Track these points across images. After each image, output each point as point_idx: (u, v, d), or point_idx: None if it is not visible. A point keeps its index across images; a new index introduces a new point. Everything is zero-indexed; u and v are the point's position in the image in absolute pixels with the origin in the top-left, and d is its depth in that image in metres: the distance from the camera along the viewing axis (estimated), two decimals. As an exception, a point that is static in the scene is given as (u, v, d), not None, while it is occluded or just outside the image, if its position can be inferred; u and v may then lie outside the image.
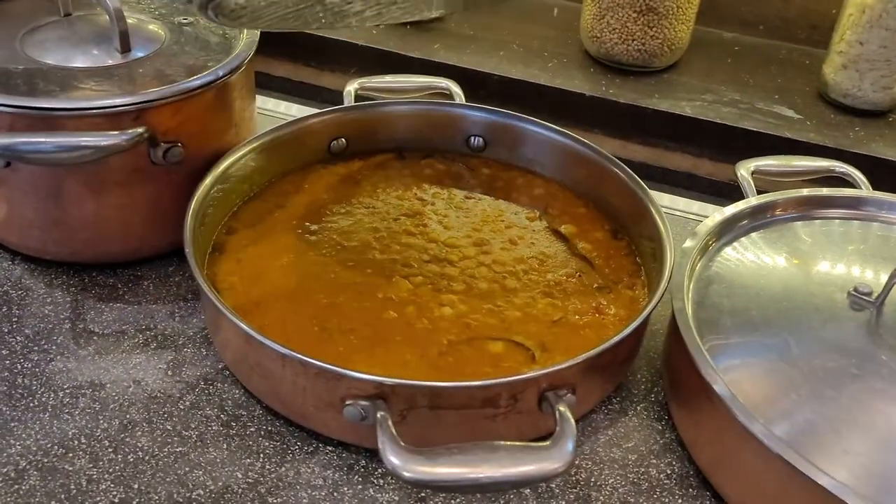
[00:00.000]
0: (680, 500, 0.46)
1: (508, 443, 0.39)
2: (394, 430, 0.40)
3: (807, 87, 0.78)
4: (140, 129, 0.52)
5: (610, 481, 0.47)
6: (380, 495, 0.45)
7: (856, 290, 0.50)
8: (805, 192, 0.58)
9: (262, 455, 0.47)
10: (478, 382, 0.43)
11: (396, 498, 0.45)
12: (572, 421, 0.41)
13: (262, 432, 0.48)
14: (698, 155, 0.73)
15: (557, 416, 0.42)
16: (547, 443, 0.40)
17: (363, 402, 0.43)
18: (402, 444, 0.39)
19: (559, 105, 0.75)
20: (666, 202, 0.70)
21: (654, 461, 0.48)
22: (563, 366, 0.44)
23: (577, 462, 0.48)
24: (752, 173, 0.60)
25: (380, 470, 0.47)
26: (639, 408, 0.52)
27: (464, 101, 0.66)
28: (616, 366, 0.49)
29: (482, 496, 0.45)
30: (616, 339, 0.46)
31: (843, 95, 0.74)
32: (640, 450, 0.49)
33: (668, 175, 0.75)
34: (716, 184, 0.74)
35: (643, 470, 0.48)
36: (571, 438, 0.40)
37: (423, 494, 0.45)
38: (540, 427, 0.46)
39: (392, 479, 0.46)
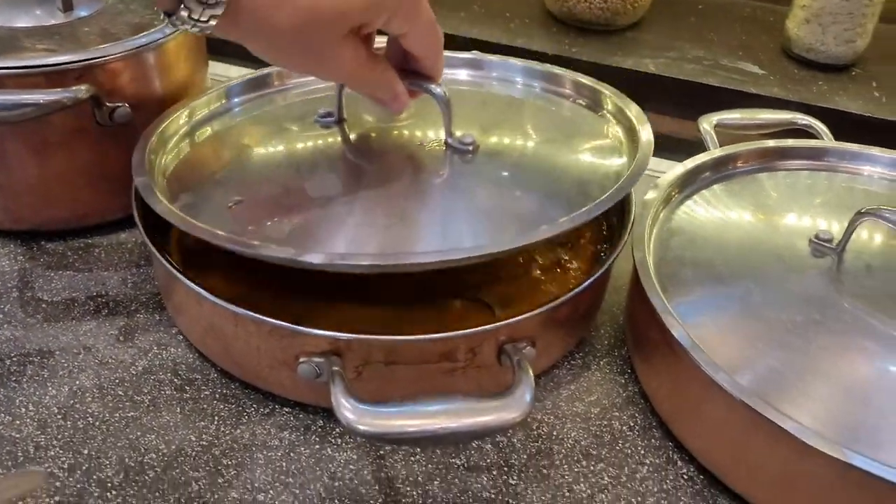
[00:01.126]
0: (642, 451, 0.46)
1: (466, 394, 0.38)
2: (347, 385, 0.39)
3: (771, 43, 0.78)
4: (83, 87, 0.50)
5: (572, 434, 0.46)
6: (337, 454, 0.44)
7: (817, 237, 0.50)
8: (769, 143, 0.58)
9: (216, 418, 0.46)
10: (434, 336, 0.42)
11: (354, 457, 0.44)
12: (530, 371, 0.40)
13: (217, 395, 0.47)
14: (662, 112, 0.72)
15: (515, 366, 0.41)
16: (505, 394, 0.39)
17: (317, 359, 0.42)
18: (356, 397, 0.38)
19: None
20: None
21: (617, 414, 0.48)
22: (522, 318, 0.43)
23: (538, 417, 0.47)
24: (715, 126, 0.60)
25: (337, 430, 0.46)
26: (602, 363, 0.51)
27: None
28: (577, 320, 0.48)
29: (441, 452, 0.45)
30: (574, 291, 0.45)
31: (806, 50, 0.74)
32: (602, 403, 0.48)
33: (632, 134, 0.74)
34: (681, 141, 0.73)
35: (605, 423, 0.47)
36: (529, 388, 0.39)
37: (381, 453, 0.45)
38: (500, 381, 0.45)
39: (350, 437, 0.45)
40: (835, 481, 0.38)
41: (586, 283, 0.45)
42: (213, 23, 0.38)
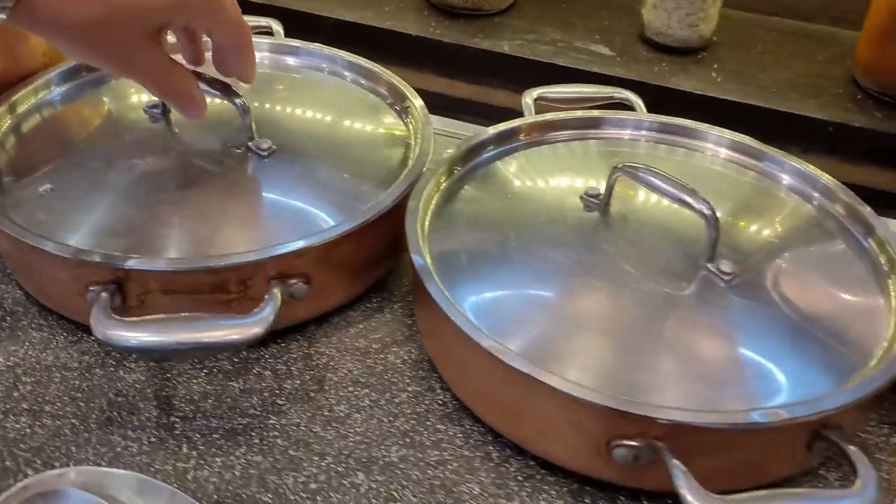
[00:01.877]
0: (408, 380, 0.50)
1: (212, 314, 0.44)
2: (108, 306, 0.44)
3: (630, 28, 0.82)
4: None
5: (348, 366, 0.51)
6: (128, 375, 0.49)
7: (586, 194, 0.54)
8: (548, 116, 0.61)
9: (27, 343, 0.51)
10: (204, 265, 0.47)
11: (143, 378, 0.49)
12: (278, 294, 0.46)
13: (34, 325, 0.52)
14: (517, 91, 0.76)
15: (270, 293, 0.46)
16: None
17: (100, 288, 0.47)
18: (114, 316, 0.43)
19: (390, 46, 0.79)
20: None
21: (395, 349, 0.52)
22: (288, 251, 0.48)
23: (321, 350, 0.52)
24: (536, 100, 0.64)
25: (133, 355, 0.51)
26: (395, 306, 0.56)
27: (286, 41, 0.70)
28: (359, 264, 0.53)
29: (222, 375, 0.50)
30: (342, 230, 0.49)
31: (656, 34, 0.78)
32: (385, 340, 0.53)
33: (493, 112, 0.79)
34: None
35: (382, 357, 0.52)
36: (272, 307, 0.45)
37: (167, 375, 0.50)
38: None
39: (142, 362, 0.50)
40: (539, 398, 0.43)
41: (354, 226, 0.50)
42: (2, 15, 0.37)
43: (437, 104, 0.65)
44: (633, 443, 0.41)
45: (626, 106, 0.65)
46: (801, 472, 0.46)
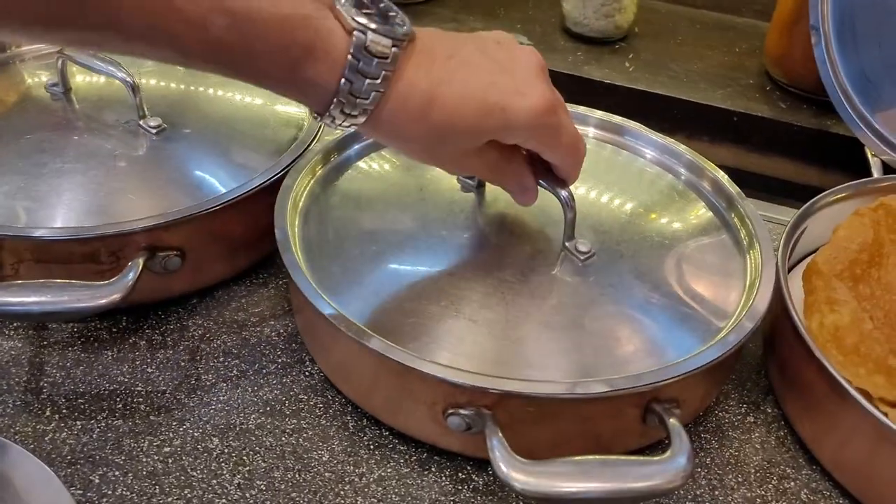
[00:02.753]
0: (279, 353, 0.52)
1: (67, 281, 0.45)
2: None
3: (553, 18, 0.83)
4: None
5: (223, 338, 0.53)
6: (5, 342, 0.51)
7: (463, 175, 0.55)
8: None
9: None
10: (73, 235, 0.48)
11: (20, 345, 0.51)
12: (140, 263, 0.48)
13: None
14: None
15: (124, 267, 0.48)
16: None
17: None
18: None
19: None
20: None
21: (273, 323, 0.54)
22: (155, 223, 0.49)
23: (198, 322, 0.53)
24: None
25: (14, 325, 0.52)
26: (281, 282, 0.57)
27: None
28: (239, 238, 0.54)
29: (98, 342, 0.51)
30: (213, 205, 0.51)
31: (574, 24, 0.79)
32: (264, 315, 0.55)
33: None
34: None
35: (258, 330, 0.53)
36: (132, 275, 0.47)
37: (45, 343, 0.51)
38: (154, 286, 0.52)
39: (22, 328, 0.52)
40: (381, 369, 0.44)
41: (225, 201, 0.51)
42: (353, 128, 0.42)
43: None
44: (464, 411, 0.42)
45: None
46: (649, 445, 0.47)
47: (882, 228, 0.53)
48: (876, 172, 0.61)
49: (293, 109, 0.62)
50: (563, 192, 0.49)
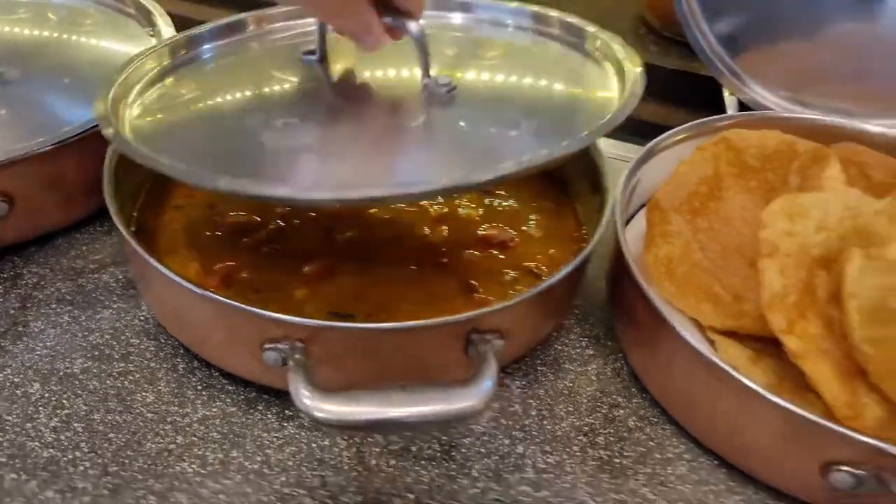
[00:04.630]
0: (116, 299, 0.51)
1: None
2: None
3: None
4: None
5: (58, 285, 0.51)
6: None
7: (304, 52, 0.52)
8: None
9: None
10: None
11: None
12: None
13: None
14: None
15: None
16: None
17: None
18: None
19: None
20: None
21: (112, 269, 0.53)
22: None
23: (34, 270, 0.52)
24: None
25: None
26: (126, 229, 0.56)
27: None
28: (75, 185, 0.53)
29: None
30: (33, 150, 0.49)
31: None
32: (104, 262, 0.53)
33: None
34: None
35: (96, 276, 0.52)
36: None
37: None
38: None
39: None
40: (201, 309, 0.43)
41: (48, 146, 0.49)
42: None
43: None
44: (278, 345, 0.42)
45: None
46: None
47: (722, 162, 0.54)
48: (731, 111, 0.62)
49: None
50: (413, 25, 0.46)
